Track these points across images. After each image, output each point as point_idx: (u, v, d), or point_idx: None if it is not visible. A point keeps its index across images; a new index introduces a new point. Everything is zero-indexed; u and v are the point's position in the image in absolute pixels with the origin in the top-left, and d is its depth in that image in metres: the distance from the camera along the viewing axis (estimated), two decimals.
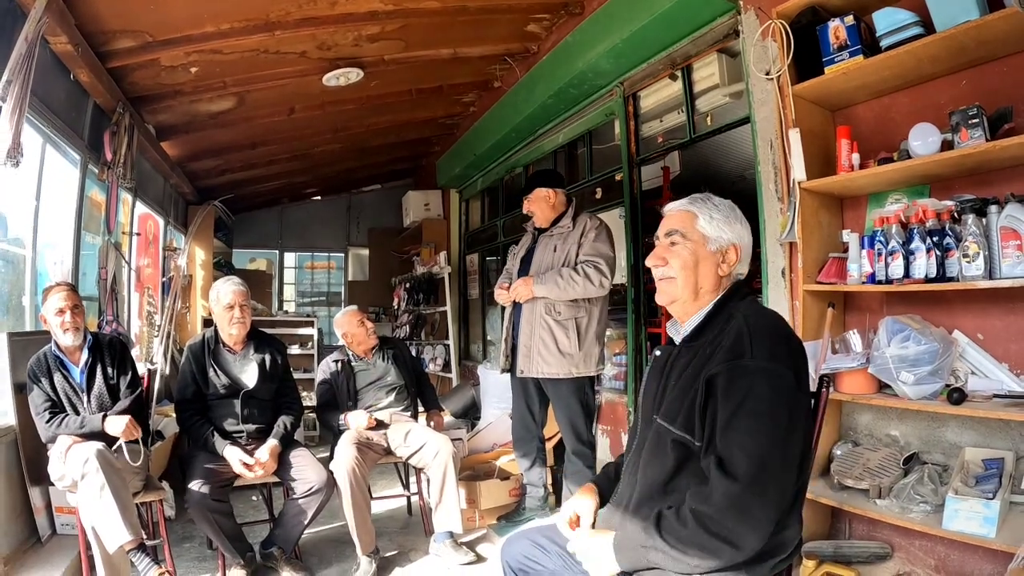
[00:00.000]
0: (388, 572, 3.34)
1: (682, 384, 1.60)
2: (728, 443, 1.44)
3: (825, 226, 2.82)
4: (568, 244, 3.47)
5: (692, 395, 1.55)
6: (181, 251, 6.76)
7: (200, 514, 3.00)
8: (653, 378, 1.75)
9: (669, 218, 1.76)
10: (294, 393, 3.54)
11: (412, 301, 8.15)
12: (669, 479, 1.59)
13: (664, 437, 1.60)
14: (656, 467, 1.62)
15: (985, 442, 2.41)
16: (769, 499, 1.43)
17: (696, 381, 1.55)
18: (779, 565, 1.54)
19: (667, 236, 1.72)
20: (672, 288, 1.69)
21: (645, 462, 1.67)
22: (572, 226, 3.51)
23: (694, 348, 1.64)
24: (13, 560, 2.94)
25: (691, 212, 1.72)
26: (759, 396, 1.45)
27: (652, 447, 1.65)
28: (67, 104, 3.75)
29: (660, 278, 1.72)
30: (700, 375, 1.55)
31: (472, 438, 4.66)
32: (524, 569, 1.88)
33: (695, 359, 1.61)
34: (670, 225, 1.73)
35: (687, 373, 1.61)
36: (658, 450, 1.62)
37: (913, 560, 2.58)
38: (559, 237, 3.53)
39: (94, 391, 2.99)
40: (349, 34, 4.25)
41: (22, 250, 3.69)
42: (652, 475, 1.63)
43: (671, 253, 1.70)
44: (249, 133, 5.92)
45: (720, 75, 3.72)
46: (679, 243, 1.70)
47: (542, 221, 3.61)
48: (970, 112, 2.15)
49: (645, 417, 1.74)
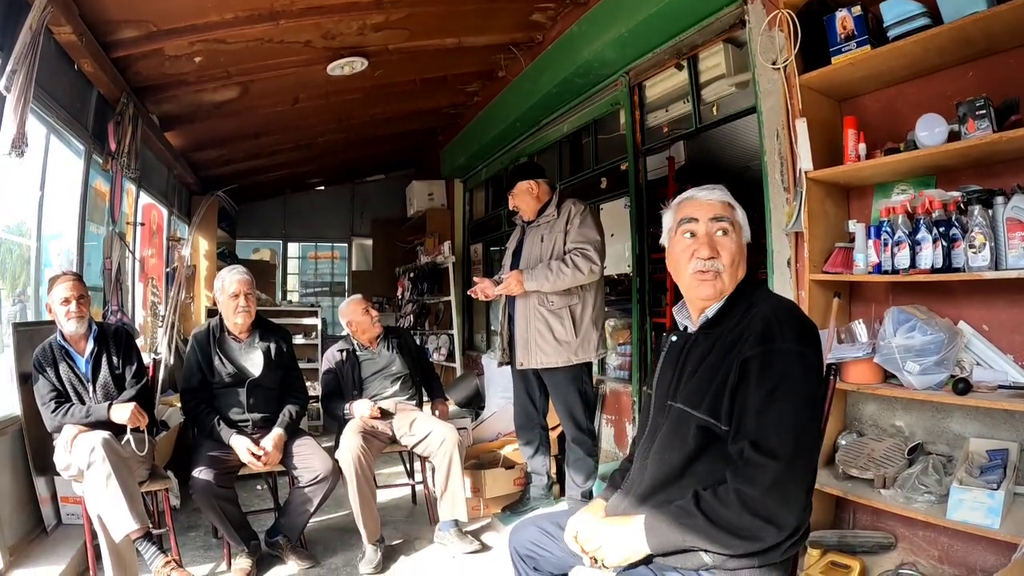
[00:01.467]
0: (393, 560, 3.36)
1: (705, 370, 1.58)
2: (765, 424, 1.42)
3: (831, 216, 2.82)
4: (555, 232, 3.47)
5: (720, 380, 1.52)
6: (185, 241, 6.77)
7: (205, 501, 3.02)
8: (669, 364, 1.71)
9: (708, 204, 1.66)
10: (299, 382, 3.56)
11: (416, 291, 8.17)
12: (688, 463, 1.57)
13: (685, 422, 1.58)
14: (675, 452, 1.60)
15: (990, 433, 2.42)
16: (804, 479, 1.45)
17: (721, 366, 1.53)
18: (791, 549, 1.53)
19: (716, 222, 1.63)
20: (720, 284, 1.62)
21: (662, 447, 1.64)
22: (557, 214, 3.52)
23: (714, 334, 1.61)
24: (19, 550, 2.96)
25: (731, 204, 1.67)
26: (794, 378, 1.45)
27: (670, 432, 1.63)
28: (71, 94, 3.75)
29: (707, 270, 1.61)
30: (726, 360, 1.53)
31: (476, 427, 4.69)
32: (532, 555, 1.90)
33: (717, 345, 1.58)
34: (716, 211, 1.64)
35: (710, 359, 1.58)
36: (678, 435, 1.60)
37: (917, 551, 2.59)
38: (545, 227, 3.54)
39: (100, 381, 3.00)
40: (353, 23, 4.24)
41: (27, 240, 3.70)
42: (670, 459, 1.61)
43: (723, 245, 1.62)
44: (253, 123, 5.91)
45: (726, 65, 3.71)
46: (729, 232, 1.63)
47: (529, 213, 3.62)
48: (977, 103, 2.15)
49: (659, 403, 1.71)
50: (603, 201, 5.06)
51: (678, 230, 1.69)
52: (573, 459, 3.57)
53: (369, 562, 3.23)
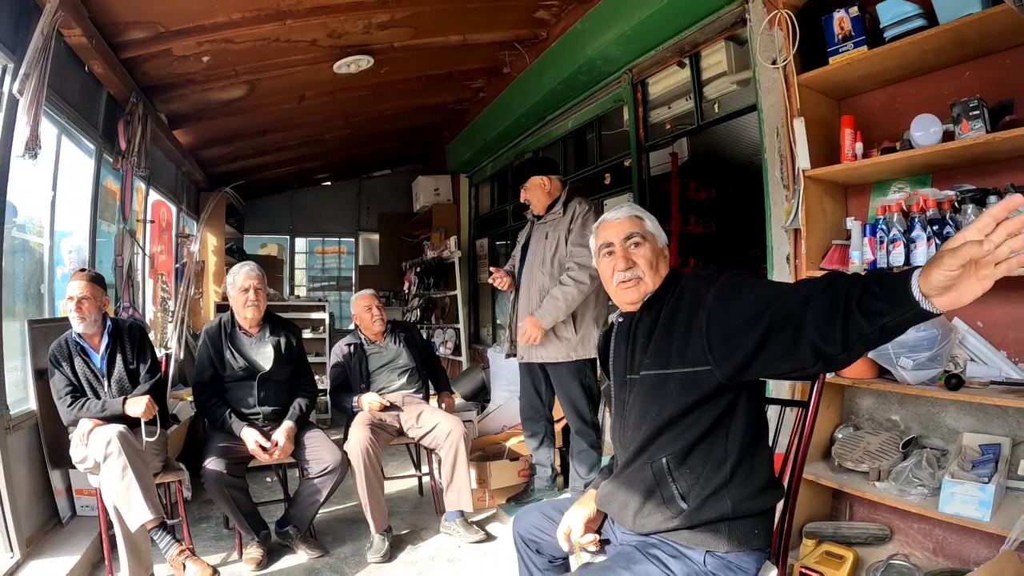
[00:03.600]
0: (400, 550, 3.42)
1: (660, 334, 1.68)
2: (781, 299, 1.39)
3: (829, 214, 2.86)
4: (559, 231, 3.51)
5: (681, 334, 1.62)
6: (194, 238, 6.83)
7: (216, 490, 3.07)
8: (621, 342, 1.82)
9: (618, 225, 1.84)
10: (309, 376, 3.61)
11: (422, 285, 8.22)
12: (684, 414, 1.62)
13: (659, 384, 1.65)
14: (655, 411, 1.66)
15: (983, 428, 2.47)
16: None
17: (674, 326, 1.65)
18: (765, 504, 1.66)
19: (627, 240, 1.81)
20: (644, 286, 1.77)
21: (639, 415, 1.70)
22: (563, 211, 3.55)
23: (655, 309, 1.75)
24: (35, 541, 3.02)
25: (638, 216, 1.85)
26: (750, 279, 1.57)
27: (644, 400, 1.70)
28: (82, 95, 3.81)
29: (628, 279, 1.78)
30: (676, 319, 1.65)
31: (482, 420, 4.74)
32: (534, 539, 1.98)
33: (662, 315, 1.71)
34: (626, 229, 1.82)
35: (661, 324, 1.70)
36: (654, 399, 1.67)
37: (912, 543, 2.64)
38: (551, 224, 3.57)
39: (114, 376, 3.05)
40: (359, 22, 4.28)
41: (40, 239, 3.77)
42: (654, 419, 1.66)
43: (637, 255, 1.79)
44: (260, 120, 5.96)
45: (728, 63, 3.74)
46: (641, 244, 1.80)
47: (539, 208, 3.65)
48: (971, 104, 2.19)
49: (619, 381, 1.81)
50: (607, 197, 5.10)
51: (600, 252, 1.87)
52: (577, 451, 3.62)
53: (377, 551, 3.29)
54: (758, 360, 1.44)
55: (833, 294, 1.26)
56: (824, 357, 1.30)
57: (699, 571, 1.57)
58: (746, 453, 1.63)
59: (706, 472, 1.61)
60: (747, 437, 1.63)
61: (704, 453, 1.62)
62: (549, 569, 2.00)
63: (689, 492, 1.61)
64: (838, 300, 1.24)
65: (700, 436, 1.61)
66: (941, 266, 1.06)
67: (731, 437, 1.62)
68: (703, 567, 1.57)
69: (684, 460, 1.62)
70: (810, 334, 1.29)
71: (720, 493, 1.59)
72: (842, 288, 1.25)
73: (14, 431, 2.96)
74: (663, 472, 1.63)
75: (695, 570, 1.57)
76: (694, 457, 1.62)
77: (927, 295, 1.10)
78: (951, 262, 1.05)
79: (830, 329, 1.25)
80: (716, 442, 1.62)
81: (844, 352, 1.26)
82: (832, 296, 1.26)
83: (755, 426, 1.67)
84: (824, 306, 1.26)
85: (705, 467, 1.61)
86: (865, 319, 1.19)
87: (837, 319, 1.23)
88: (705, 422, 1.60)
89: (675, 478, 1.62)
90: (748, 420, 1.64)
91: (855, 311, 1.20)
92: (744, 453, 1.62)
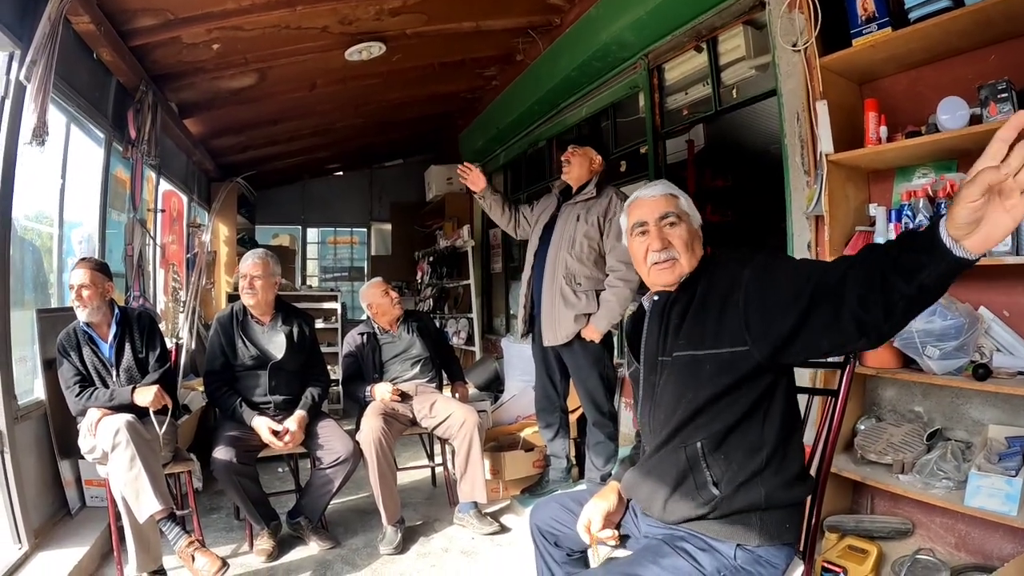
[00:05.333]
0: (413, 541, 3.41)
1: (695, 315, 1.64)
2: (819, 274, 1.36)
3: (852, 200, 2.80)
4: (592, 215, 3.41)
5: (715, 315, 1.58)
6: (205, 228, 6.84)
7: (227, 478, 3.07)
8: (654, 324, 1.76)
9: (652, 203, 1.78)
10: (321, 365, 3.60)
11: (435, 275, 8.22)
12: (720, 396, 1.58)
13: (696, 365, 1.60)
14: (693, 392, 1.61)
15: (1009, 420, 2.41)
16: None
17: (710, 307, 1.60)
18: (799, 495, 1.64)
19: (662, 219, 1.75)
20: (679, 268, 1.72)
21: (674, 398, 1.66)
22: (596, 194, 3.47)
23: (691, 290, 1.69)
24: (44, 532, 3.03)
25: (672, 194, 1.79)
26: (786, 257, 1.62)
27: (679, 382, 1.65)
28: (90, 83, 3.78)
29: (663, 260, 1.72)
30: (711, 299, 1.61)
31: (496, 410, 4.72)
32: (552, 532, 1.95)
33: (696, 295, 1.66)
34: (661, 208, 1.76)
35: (695, 304, 1.65)
36: (691, 380, 1.62)
37: (934, 537, 2.59)
38: (582, 206, 3.47)
39: (123, 365, 3.04)
40: (371, 8, 4.24)
41: (49, 228, 3.77)
42: (692, 400, 1.62)
43: (672, 235, 1.73)
44: (271, 109, 5.94)
45: (746, 47, 3.67)
46: (677, 224, 1.74)
47: (574, 180, 3.56)
48: (999, 86, 2.13)
49: (649, 363, 1.75)
50: (623, 185, 5.03)
51: (632, 232, 1.81)
52: (593, 442, 3.58)
53: (389, 543, 3.28)
54: (800, 337, 1.40)
55: (870, 263, 1.24)
56: (866, 328, 1.26)
57: (729, 565, 1.53)
58: (782, 441, 1.59)
59: (741, 458, 1.57)
60: (784, 425, 1.59)
61: (740, 438, 1.58)
62: (567, 563, 1.96)
63: (722, 478, 1.57)
64: (874, 266, 1.22)
65: (737, 420, 1.57)
66: (962, 200, 1.03)
67: (768, 423, 1.58)
68: (733, 561, 1.54)
69: (719, 445, 1.58)
70: (851, 304, 1.26)
71: (754, 481, 1.55)
72: (878, 254, 1.23)
73: (22, 421, 2.96)
74: (697, 456, 1.59)
75: (725, 564, 1.53)
76: (730, 442, 1.58)
77: (957, 239, 1.07)
78: (970, 192, 1.01)
79: (871, 296, 1.22)
80: (752, 427, 1.58)
81: (887, 320, 1.23)
82: (869, 264, 1.24)
83: (791, 413, 1.63)
84: (862, 275, 1.24)
85: (740, 451, 1.57)
86: (902, 279, 1.16)
87: (876, 284, 1.21)
88: (742, 405, 1.56)
89: (709, 463, 1.58)
90: (785, 407, 1.60)
91: (891, 273, 1.18)
92: (780, 441, 1.58)
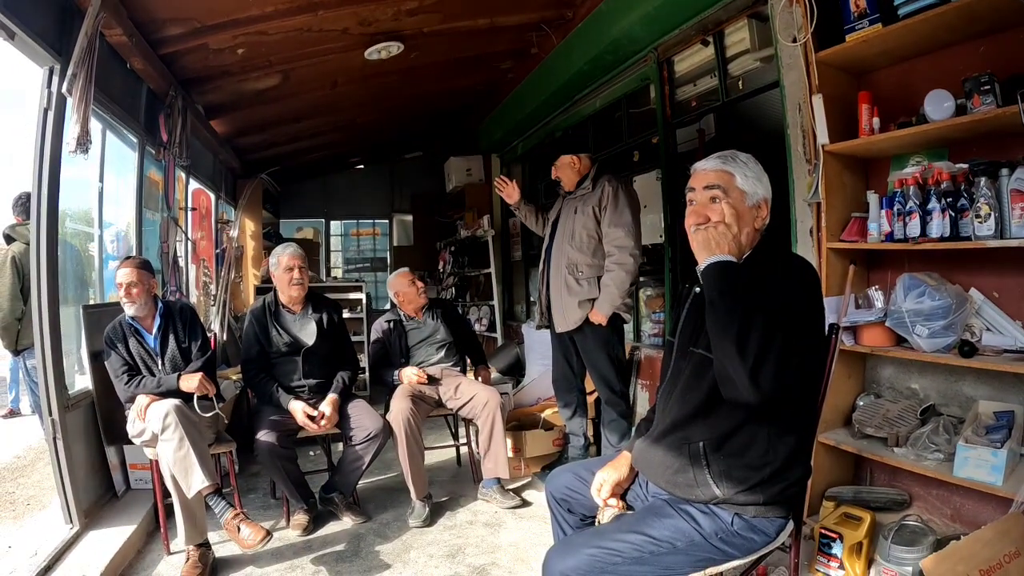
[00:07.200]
0: (440, 515, 3.60)
1: None
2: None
3: (849, 187, 2.92)
4: (588, 206, 3.65)
5: None
6: (232, 223, 7.03)
7: (269, 461, 3.28)
8: (692, 314, 1.81)
9: (703, 175, 1.75)
10: (350, 351, 3.80)
11: (457, 264, 8.37)
12: (709, 404, 1.67)
13: (706, 366, 1.66)
14: (696, 392, 1.70)
15: (999, 396, 2.53)
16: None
17: None
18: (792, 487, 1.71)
19: (707, 189, 1.71)
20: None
21: (686, 387, 1.74)
22: (592, 187, 3.68)
23: None
24: (93, 513, 3.23)
25: (727, 171, 1.73)
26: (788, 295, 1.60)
27: (691, 377, 1.72)
28: (124, 91, 3.94)
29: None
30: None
31: (517, 393, 4.90)
32: (566, 499, 2.06)
33: None
34: (708, 180, 1.73)
35: None
36: (699, 379, 1.69)
37: (931, 509, 2.72)
38: (580, 200, 3.72)
39: (167, 354, 3.24)
40: (389, 9, 4.37)
41: (88, 228, 3.99)
42: (692, 400, 1.71)
43: (713, 210, 1.69)
44: (294, 108, 6.09)
45: (751, 40, 3.78)
46: (720, 199, 1.69)
47: (569, 185, 3.81)
48: (982, 79, 2.23)
49: (682, 349, 1.81)
50: (636, 174, 5.17)
51: (687, 198, 1.79)
52: (607, 420, 3.76)
53: (418, 516, 3.47)
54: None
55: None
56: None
57: (726, 529, 1.65)
58: (789, 456, 1.66)
59: (744, 468, 1.64)
60: (795, 441, 1.68)
61: (741, 444, 1.65)
62: (580, 527, 2.04)
63: (723, 479, 1.65)
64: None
65: (735, 427, 1.65)
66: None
67: (781, 441, 1.65)
68: (730, 527, 1.65)
69: (720, 447, 1.67)
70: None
71: (755, 489, 1.63)
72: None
73: (72, 410, 3.15)
74: (699, 455, 1.68)
75: (722, 527, 1.65)
76: (730, 446, 1.66)
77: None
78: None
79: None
80: (758, 435, 1.64)
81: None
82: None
83: (805, 428, 1.73)
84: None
85: (743, 458, 1.65)
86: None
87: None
88: (743, 410, 1.62)
89: (710, 462, 1.67)
90: (798, 422, 1.69)
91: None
92: (787, 458, 1.65)
